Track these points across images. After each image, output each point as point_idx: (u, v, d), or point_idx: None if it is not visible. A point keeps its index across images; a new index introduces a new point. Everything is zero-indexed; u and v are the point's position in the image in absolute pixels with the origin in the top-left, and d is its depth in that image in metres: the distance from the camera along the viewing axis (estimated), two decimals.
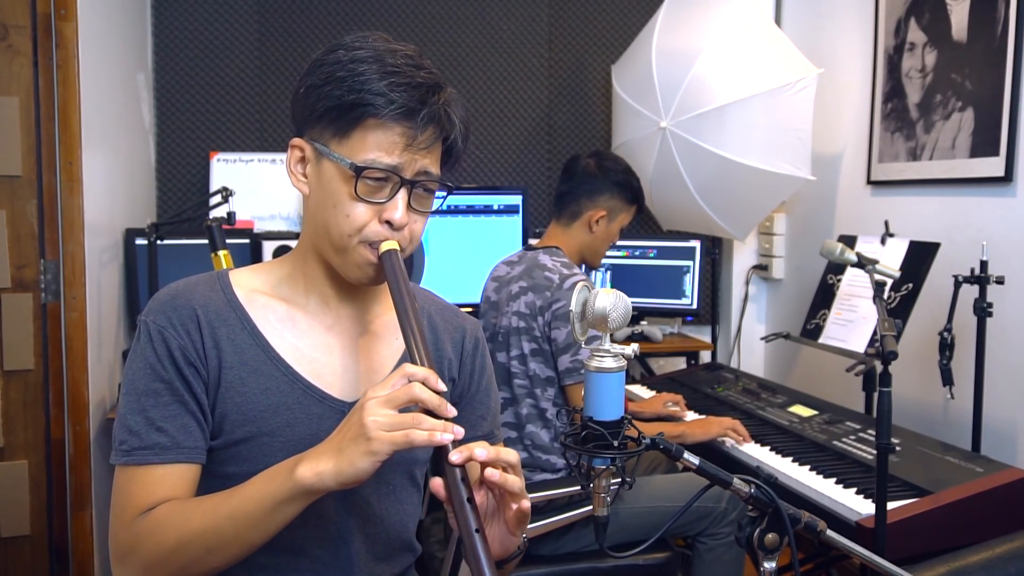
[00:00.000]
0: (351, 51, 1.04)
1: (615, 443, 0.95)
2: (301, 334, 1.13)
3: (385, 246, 1.05)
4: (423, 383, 0.94)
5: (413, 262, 3.06)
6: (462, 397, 1.24)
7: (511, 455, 0.95)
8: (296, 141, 1.09)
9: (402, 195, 1.05)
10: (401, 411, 0.93)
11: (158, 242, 2.50)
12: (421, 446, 0.91)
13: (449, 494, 0.92)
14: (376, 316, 1.18)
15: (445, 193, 1.12)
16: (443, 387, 0.95)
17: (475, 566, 0.88)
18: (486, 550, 0.89)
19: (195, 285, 1.12)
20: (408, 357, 1.02)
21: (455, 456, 0.91)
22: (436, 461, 0.95)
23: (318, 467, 0.93)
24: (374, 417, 0.91)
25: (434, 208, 1.12)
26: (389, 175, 1.04)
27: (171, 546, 0.99)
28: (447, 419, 0.93)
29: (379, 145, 1.02)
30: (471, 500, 0.92)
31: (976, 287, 2.15)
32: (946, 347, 2.16)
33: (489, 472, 0.92)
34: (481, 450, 0.92)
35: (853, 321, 2.46)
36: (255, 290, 1.14)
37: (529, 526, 1.04)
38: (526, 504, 0.96)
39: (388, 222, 1.05)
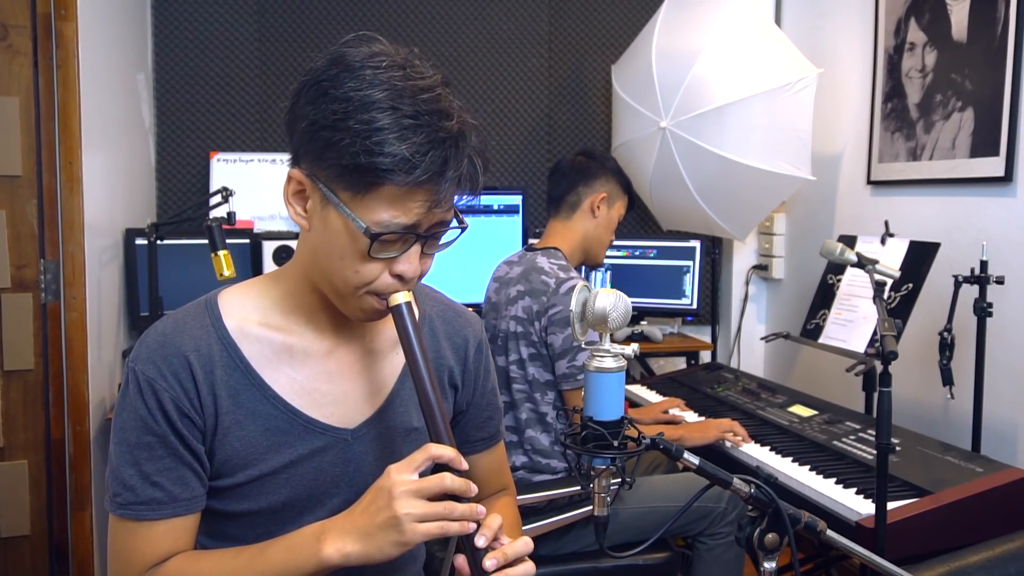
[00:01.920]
0: (361, 88, 0.92)
1: (615, 443, 0.95)
2: (298, 364, 1.08)
3: (396, 299, 0.99)
4: (448, 464, 0.95)
5: None
6: (468, 403, 1.23)
7: (524, 547, 0.97)
8: (296, 174, 1.00)
9: (416, 248, 0.99)
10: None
11: (158, 242, 2.50)
12: (453, 535, 0.93)
13: (474, 573, 0.95)
14: (376, 332, 1.14)
15: (459, 231, 1.05)
16: (465, 466, 0.96)
17: None
18: None
19: (184, 324, 1.06)
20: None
21: (480, 540, 0.94)
22: (460, 542, 0.96)
23: (345, 548, 0.94)
24: (407, 509, 0.91)
25: (446, 244, 1.05)
26: (404, 233, 0.97)
27: None
28: (472, 499, 0.95)
29: (395, 205, 0.94)
30: None
31: (976, 287, 2.15)
32: (946, 347, 2.16)
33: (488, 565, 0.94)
34: (491, 562, 0.94)
35: (853, 321, 2.45)
36: (247, 319, 1.07)
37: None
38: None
39: (400, 276, 0.99)
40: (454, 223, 1.04)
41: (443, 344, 1.20)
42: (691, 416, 2.53)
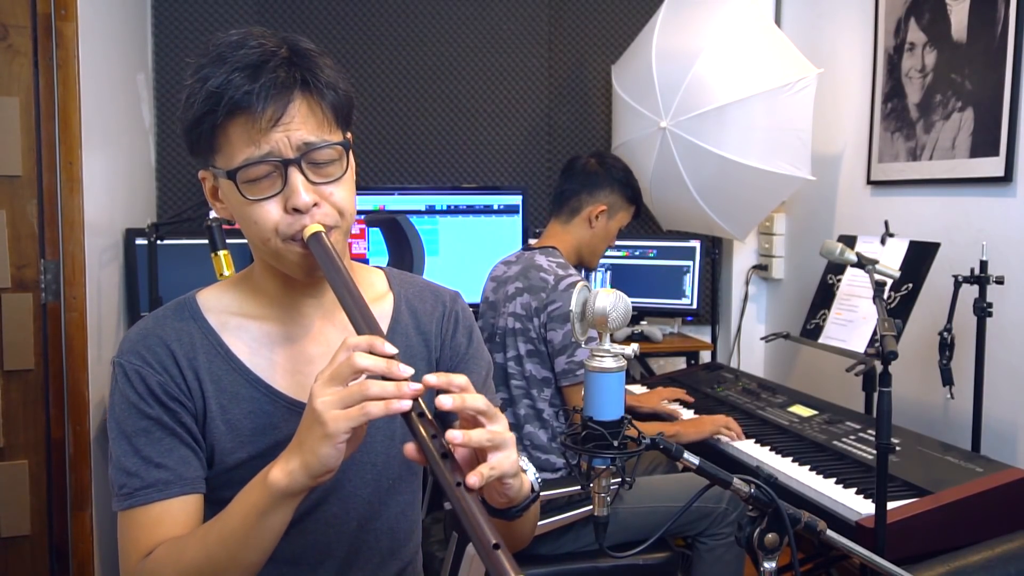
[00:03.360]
0: (196, 74, 0.99)
1: (615, 443, 0.95)
2: (278, 348, 1.10)
3: (308, 231, 0.99)
4: (369, 350, 0.88)
5: (413, 261, 3.06)
6: (450, 372, 1.22)
7: (460, 378, 0.90)
8: (201, 173, 1.07)
9: (294, 177, 0.98)
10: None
11: (158, 242, 2.50)
12: (380, 417, 0.85)
13: (424, 455, 0.87)
14: None
15: (344, 150, 1.03)
16: (391, 349, 0.89)
17: (465, 521, 0.83)
18: (475, 503, 0.84)
19: (163, 319, 1.09)
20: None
21: (406, 403, 0.86)
22: (403, 422, 0.90)
23: (287, 466, 0.91)
24: (322, 398, 0.87)
25: (347, 169, 1.03)
26: (272, 165, 0.98)
27: None
28: (403, 379, 0.87)
29: (241, 141, 0.97)
30: (446, 455, 0.87)
31: (976, 287, 2.15)
32: (946, 347, 2.16)
33: (440, 400, 0.87)
34: (432, 376, 0.88)
35: (853, 321, 2.46)
36: (225, 312, 1.11)
37: None
38: (491, 467, 0.87)
39: (296, 209, 0.98)
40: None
41: (423, 320, 1.20)
42: (689, 413, 2.54)
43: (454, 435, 0.86)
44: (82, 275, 2.32)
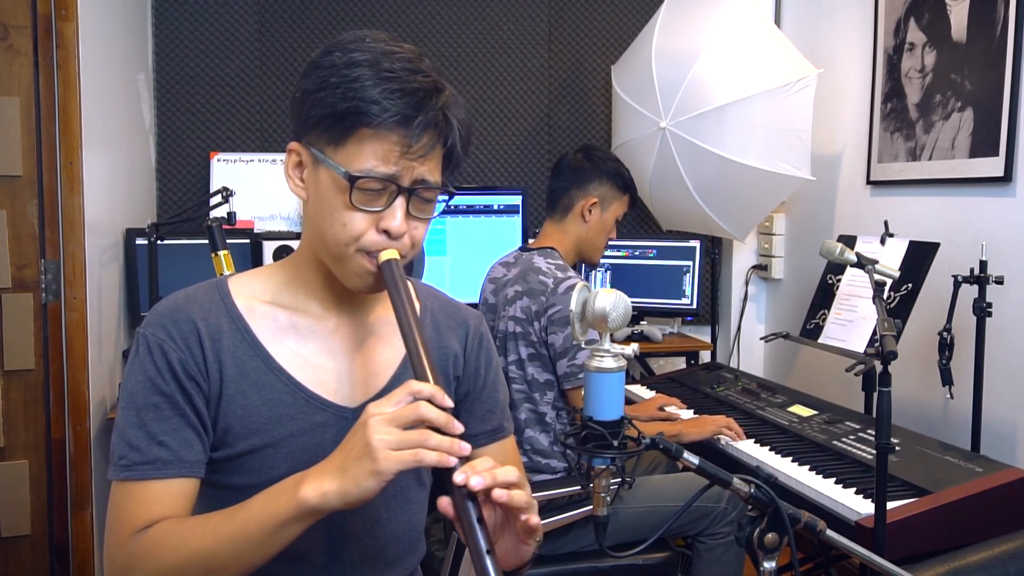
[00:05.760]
0: (347, 53, 1.01)
1: (615, 443, 0.95)
2: (303, 341, 1.11)
3: (384, 255, 1.03)
4: (429, 400, 0.91)
5: (412, 262, 3.06)
6: (468, 395, 1.23)
7: (509, 474, 0.92)
8: (293, 145, 1.07)
9: (400, 203, 1.02)
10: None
11: (158, 242, 2.50)
12: (429, 467, 0.89)
13: (458, 514, 0.90)
14: (379, 317, 1.17)
15: (446, 198, 1.10)
16: (450, 403, 0.92)
17: None
18: (497, 570, 0.88)
19: (194, 297, 1.10)
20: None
21: (459, 476, 0.89)
22: (443, 480, 0.92)
23: (322, 487, 0.91)
24: (380, 436, 0.88)
25: (435, 213, 1.09)
26: (386, 184, 1.01)
27: (168, 567, 0.97)
28: (454, 436, 0.90)
29: (375, 154, 1.00)
30: (481, 520, 0.90)
31: (975, 287, 2.16)
32: (946, 347, 2.16)
33: (497, 493, 0.90)
34: (477, 478, 0.89)
35: (853, 321, 2.46)
36: (255, 298, 1.12)
37: None
38: (535, 520, 0.94)
39: (386, 231, 1.02)
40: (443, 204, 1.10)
41: (446, 334, 1.22)
42: (687, 414, 2.54)
43: (499, 494, 0.90)
44: (82, 275, 2.32)
